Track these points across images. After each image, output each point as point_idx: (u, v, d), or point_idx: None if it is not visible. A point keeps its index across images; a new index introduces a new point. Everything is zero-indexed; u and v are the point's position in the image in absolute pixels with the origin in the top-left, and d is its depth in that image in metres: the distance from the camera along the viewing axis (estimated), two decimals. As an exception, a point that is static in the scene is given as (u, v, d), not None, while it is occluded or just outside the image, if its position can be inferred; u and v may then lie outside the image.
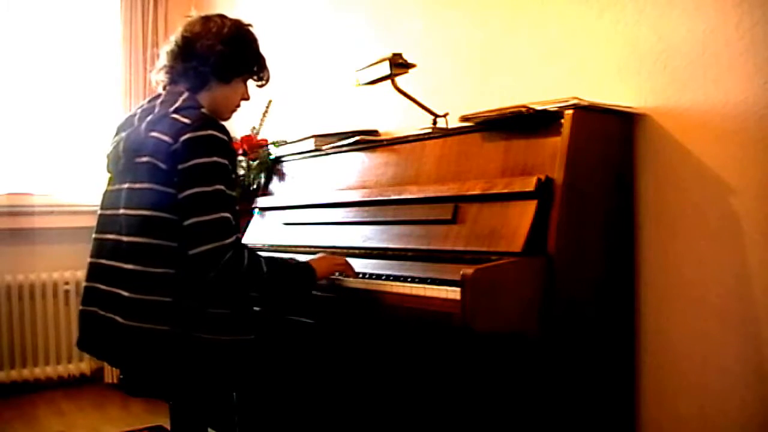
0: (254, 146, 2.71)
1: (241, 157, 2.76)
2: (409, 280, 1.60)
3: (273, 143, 2.70)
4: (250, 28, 1.82)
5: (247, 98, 1.86)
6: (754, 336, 1.48)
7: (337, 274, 1.78)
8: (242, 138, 2.76)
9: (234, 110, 1.84)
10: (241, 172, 2.74)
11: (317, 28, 2.95)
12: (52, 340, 3.49)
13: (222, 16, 1.78)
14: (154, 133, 1.61)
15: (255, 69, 1.83)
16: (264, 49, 1.85)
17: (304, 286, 1.72)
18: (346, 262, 1.79)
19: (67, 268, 3.52)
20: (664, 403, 1.64)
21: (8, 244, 3.44)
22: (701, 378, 1.57)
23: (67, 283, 3.52)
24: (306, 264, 1.72)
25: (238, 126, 3.09)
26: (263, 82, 1.88)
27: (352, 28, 2.73)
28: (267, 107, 2.87)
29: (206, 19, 1.76)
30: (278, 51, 3.16)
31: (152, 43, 3.63)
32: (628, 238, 1.67)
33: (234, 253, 1.55)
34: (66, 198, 3.57)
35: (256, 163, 2.66)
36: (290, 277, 1.69)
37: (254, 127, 2.85)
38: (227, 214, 1.57)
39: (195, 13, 1.80)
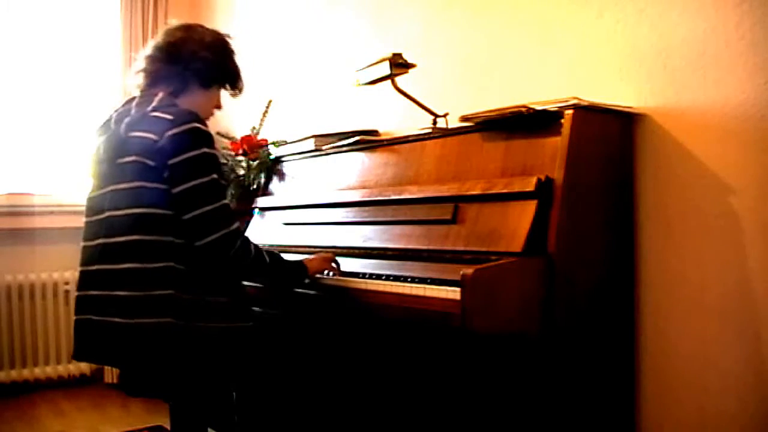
0: (254, 146, 2.71)
1: (241, 157, 2.76)
2: (409, 280, 1.60)
3: (273, 143, 2.70)
4: (229, 39, 1.88)
5: (219, 107, 1.92)
6: (754, 336, 1.48)
7: (328, 273, 1.86)
8: (242, 138, 2.76)
9: (208, 117, 1.87)
10: (241, 172, 2.73)
11: (317, 28, 2.95)
12: (52, 340, 3.49)
13: (202, 26, 1.85)
14: (136, 133, 1.64)
15: (232, 79, 1.89)
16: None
17: (297, 279, 1.81)
18: (335, 258, 1.88)
19: (67, 268, 3.51)
20: (664, 403, 1.64)
21: (8, 244, 3.44)
22: (701, 378, 1.57)
23: (67, 283, 3.52)
24: (300, 262, 1.81)
25: (238, 126, 3.09)
26: (237, 92, 1.93)
27: (352, 28, 2.73)
28: (267, 107, 2.87)
29: (188, 27, 1.83)
30: (278, 50, 3.16)
31: (152, 44, 3.63)
32: (628, 238, 1.67)
33: (243, 240, 1.64)
34: (66, 198, 3.56)
35: (256, 163, 2.66)
36: (286, 269, 1.77)
37: (254, 127, 2.85)
38: (226, 202, 1.64)
39: (174, 21, 1.86)
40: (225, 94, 1.93)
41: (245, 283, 1.84)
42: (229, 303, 1.67)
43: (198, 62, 1.77)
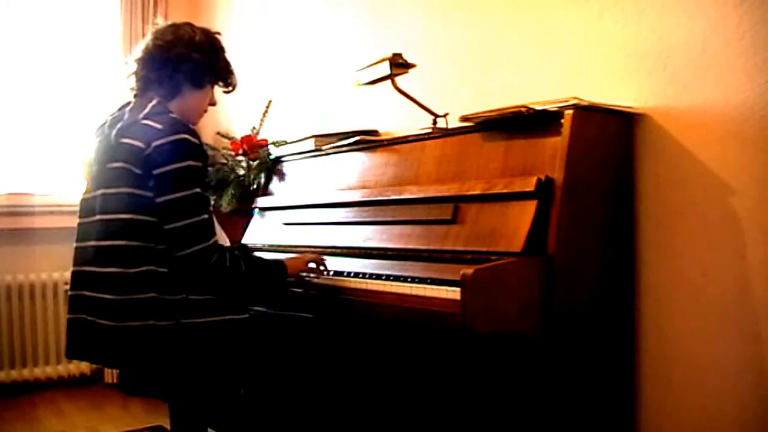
0: (254, 146, 2.71)
1: (241, 157, 2.76)
2: (409, 280, 1.60)
3: (273, 143, 2.70)
4: (219, 36, 1.88)
5: (214, 103, 1.92)
6: (753, 336, 1.48)
7: (318, 276, 1.87)
8: (242, 138, 2.76)
9: (202, 115, 1.89)
10: (241, 172, 2.74)
11: (317, 28, 2.95)
12: (52, 340, 3.48)
13: (190, 25, 1.84)
14: (125, 140, 1.65)
15: (224, 75, 1.89)
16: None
17: (276, 279, 1.80)
18: (319, 258, 1.90)
19: (67, 268, 3.39)
20: (664, 403, 1.64)
21: (8, 244, 3.44)
22: (701, 378, 1.57)
23: (67, 283, 3.45)
24: (278, 260, 1.82)
25: (238, 126, 3.10)
26: (230, 88, 1.93)
27: (352, 28, 2.73)
28: (267, 107, 2.87)
29: (176, 27, 1.82)
30: (278, 50, 3.16)
31: (152, 44, 3.63)
32: (628, 238, 1.67)
33: (219, 255, 1.63)
34: (66, 198, 3.56)
35: (256, 163, 2.66)
36: (264, 273, 1.76)
37: (254, 127, 2.85)
38: (206, 216, 1.64)
39: (162, 21, 1.87)
40: (218, 90, 1.92)
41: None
42: (213, 300, 1.67)
43: (188, 64, 1.77)
